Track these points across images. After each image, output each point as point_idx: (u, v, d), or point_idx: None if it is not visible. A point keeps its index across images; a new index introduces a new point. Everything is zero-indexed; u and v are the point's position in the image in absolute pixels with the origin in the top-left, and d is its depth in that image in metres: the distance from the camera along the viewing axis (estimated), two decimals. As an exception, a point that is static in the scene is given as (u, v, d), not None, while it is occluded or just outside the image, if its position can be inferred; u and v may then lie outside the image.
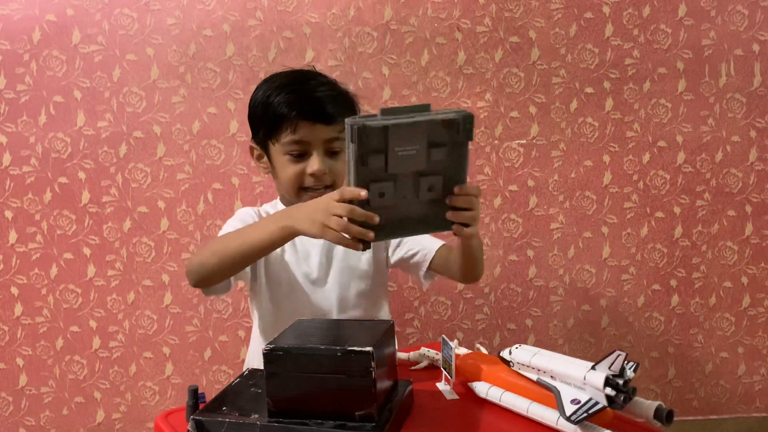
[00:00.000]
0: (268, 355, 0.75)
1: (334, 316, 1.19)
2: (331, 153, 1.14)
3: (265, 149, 1.18)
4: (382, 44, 1.78)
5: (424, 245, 1.23)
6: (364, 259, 1.22)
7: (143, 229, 1.79)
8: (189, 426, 0.77)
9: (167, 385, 1.83)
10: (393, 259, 1.26)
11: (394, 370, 0.86)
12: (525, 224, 1.87)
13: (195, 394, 0.85)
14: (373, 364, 0.72)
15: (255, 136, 1.21)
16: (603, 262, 1.89)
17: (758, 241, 1.91)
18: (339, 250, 1.21)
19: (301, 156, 1.12)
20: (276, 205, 1.27)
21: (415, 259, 1.23)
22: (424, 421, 0.84)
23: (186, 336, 1.82)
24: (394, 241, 1.25)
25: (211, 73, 1.76)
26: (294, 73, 1.19)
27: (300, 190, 1.15)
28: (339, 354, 0.73)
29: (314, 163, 1.11)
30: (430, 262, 1.21)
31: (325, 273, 1.21)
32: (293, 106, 1.10)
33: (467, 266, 1.15)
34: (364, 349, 0.72)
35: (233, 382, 0.88)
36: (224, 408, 0.79)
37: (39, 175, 1.75)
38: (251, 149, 1.23)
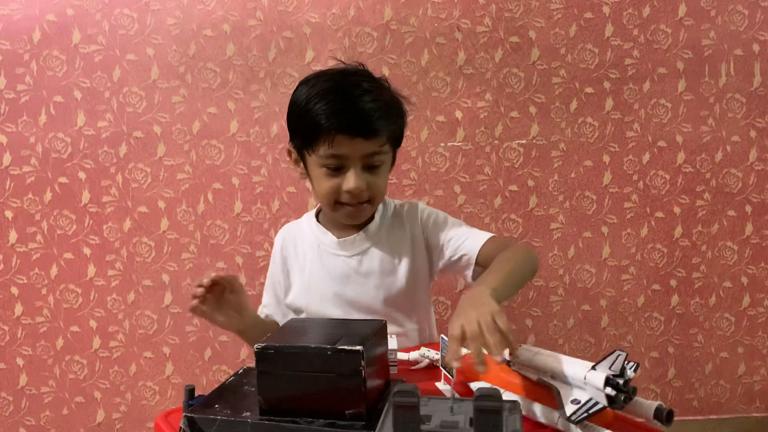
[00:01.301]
0: (259, 354, 0.75)
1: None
2: (369, 167, 1.06)
3: (302, 156, 1.10)
4: (382, 44, 1.78)
5: (467, 247, 1.12)
6: (401, 274, 1.16)
7: (143, 229, 1.79)
8: (181, 423, 0.77)
9: (167, 385, 1.83)
10: (440, 265, 1.18)
11: (386, 370, 0.86)
12: (525, 224, 1.87)
13: (191, 394, 0.85)
14: (362, 363, 0.72)
15: (292, 140, 1.12)
16: (603, 262, 1.89)
17: (758, 241, 1.91)
18: (374, 268, 1.15)
19: (338, 170, 1.05)
20: (310, 218, 1.22)
21: (461, 263, 1.13)
22: (423, 420, 0.84)
23: (186, 336, 1.82)
24: (436, 249, 1.16)
25: (211, 73, 1.76)
26: (339, 75, 1.07)
27: (336, 204, 1.09)
28: (329, 353, 0.73)
29: (350, 180, 1.04)
30: (475, 264, 1.11)
31: (362, 293, 1.16)
32: (331, 118, 1.01)
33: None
34: (354, 348, 0.72)
35: (228, 380, 0.88)
36: (217, 406, 0.79)
37: (39, 175, 1.75)
38: (289, 152, 1.15)
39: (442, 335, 0.96)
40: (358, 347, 0.72)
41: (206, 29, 1.75)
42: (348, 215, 1.11)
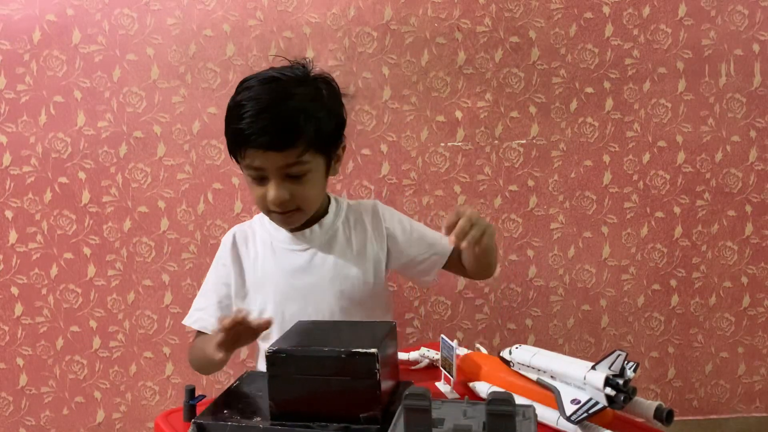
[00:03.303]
0: (271, 357, 0.75)
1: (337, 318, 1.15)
2: (291, 177, 1.05)
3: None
4: (382, 44, 1.78)
5: (437, 249, 1.19)
6: (357, 267, 1.17)
7: (143, 229, 1.79)
8: (190, 430, 0.76)
9: (167, 385, 1.83)
10: (401, 262, 1.21)
11: (396, 371, 0.86)
12: (525, 224, 1.87)
13: (192, 394, 0.85)
14: (377, 365, 0.72)
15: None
16: (603, 262, 1.89)
17: (758, 241, 1.91)
18: (329, 261, 1.16)
19: (262, 179, 1.06)
20: (262, 218, 1.21)
21: (427, 263, 1.20)
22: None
23: (186, 336, 1.82)
24: (399, 247, 1.19)
25: (211, 73, 1.76)
26: (261, 81, 1.07)
27: (268, 211, 1.10)
28: (343, 356, 0.72)
29: (270, 192, 1.05)
30: (444, 265, 1.19)
31: (317, 286, 1.16)
32: (244, 132, 1.01)
33: (482, 267, 1.18)
34: (368, 350, 0.72)
35: (233, 384, 0.88)
36: (226, 411, 0.79)
37: (39, 175, 1.75)
38: None
39: (442, 335, 0.97)
40: (373, 350, 0.72)
41: (206, 29, 1.74)
42: (280, 221, 1.13)
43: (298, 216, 1.11)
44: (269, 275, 1.17)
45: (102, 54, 1.73)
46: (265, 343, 1.20)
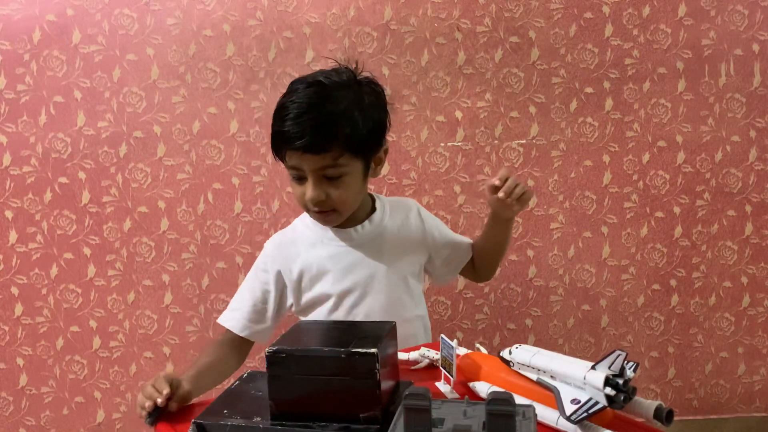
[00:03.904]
0: (270, 358, 0.74)
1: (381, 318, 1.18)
2: (328, 179, 1.08)
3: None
4: (382, 44, 1.78)
5: (462, 251, 1.28)
6: (407, 260, 1.22)
7: (143, 229, 1.79)
8: (190, 430, 0.76)
9: (167, 385, 1.83)
10: (430, 262, 1.27)
11: (396, 371, 0.86)
12: (525, 224, 1.87)
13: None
14: (377, 365, 0.72)
15: None
16: (603, 262, 1.89)
17: (758, 240, 1.91)
18: (383, 254, 1.19)
19: (302, 179, 1.09)
20: (303, 219, 1.24)
21: (454, 264, 1.29)
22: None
23: (186, 336, 1.82)
24: (435, 247, 1.26)
25: (211, 73, 1.76)
26: (306, 84, 1.09)
27: (307, 209, 1.14)
28: (343, 356, 0.72)
29: (307, 191, 1.08)
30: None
31: (372, 278, 1.19)
32: (283, 135, 1.05)
33: (493, 260, 1.30)
34: (368, 350, 0.72)
35: (233, 384, 0.88)
36: (225, 411, 0.79)
37: (39, 175, 1.75)
38: None
39: (442, 335, 0.96)
40: (373, 350, 0.72)
41: (206, 29, 1.74)
42: (318, 219, 1.16)
43: (335, 216, 1.14)
44: (326, 271, 1.19)
45: (102, 54, 1.73)
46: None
